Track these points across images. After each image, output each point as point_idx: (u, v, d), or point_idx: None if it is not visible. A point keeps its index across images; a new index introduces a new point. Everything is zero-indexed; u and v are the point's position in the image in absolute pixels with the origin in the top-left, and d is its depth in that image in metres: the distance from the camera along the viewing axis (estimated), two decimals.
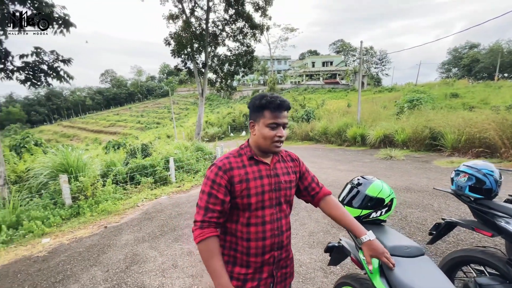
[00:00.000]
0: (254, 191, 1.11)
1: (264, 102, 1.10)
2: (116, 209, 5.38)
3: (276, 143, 1.12)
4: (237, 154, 1.18)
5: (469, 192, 1.78)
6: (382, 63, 54.36)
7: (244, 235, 1.13)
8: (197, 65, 13.88)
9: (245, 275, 1.13)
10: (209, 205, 1.08)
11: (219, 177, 1.09)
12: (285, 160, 1.26)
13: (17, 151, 12.03)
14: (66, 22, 5.31)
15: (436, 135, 9.13)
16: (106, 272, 2.99)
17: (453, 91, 21.48)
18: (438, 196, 4.45)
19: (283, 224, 1.18)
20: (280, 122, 1.10)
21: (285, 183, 1.19)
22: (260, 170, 1.15)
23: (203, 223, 1.07)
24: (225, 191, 1.09)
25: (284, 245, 1.18)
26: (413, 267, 1.16)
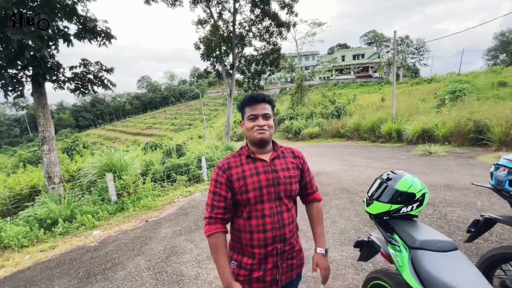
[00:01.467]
0: (252, 186, 1.20)
1: (243, 100, 1.27)
2: (155, 205, 5.80)
3: (258, 131, 1.21)
4: (237, 154, 1.30)
5: (509, 187, 1.66)
6: (419, 53, 50.45)
7: (247, 228, 1.22)
8: (225, 67, 14.27)
9: (251, 265, 1.23)
10: (214, 202, 1.21)
11: (219, 177, 1.22)
12: (286, 156, 1.33)
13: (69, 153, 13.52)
14: (107, 34, 5.85)
15: (482, 129, 8.31)
16: (148, 261, 3.28)
17: (501, 79, 19.22)
18: (482, 194, 4.08)
19: (284, 217, 1.24)
20: (257, 113, 1.21)
21: (284, 178, 1.25)
22: (257, 167, 1.24)
23: (211, 219, 1.21)
24: (226, 188, 1.21)
25: (287, 238, 1.24)
26: (445, 262, 1.14)
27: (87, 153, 12.13)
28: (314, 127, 17.56)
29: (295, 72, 46.10)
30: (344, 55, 48.71)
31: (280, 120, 22.60)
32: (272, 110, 1.29)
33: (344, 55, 48.71)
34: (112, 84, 6.56)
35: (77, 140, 14.49)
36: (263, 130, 1.22)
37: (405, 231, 1.33)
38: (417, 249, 1.22)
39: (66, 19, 5.41)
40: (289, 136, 19.26)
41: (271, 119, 1.26)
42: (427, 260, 1.16)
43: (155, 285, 2.72)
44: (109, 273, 3.06)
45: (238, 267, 1.26)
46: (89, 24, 5.46)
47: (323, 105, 22.42)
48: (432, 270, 1.11)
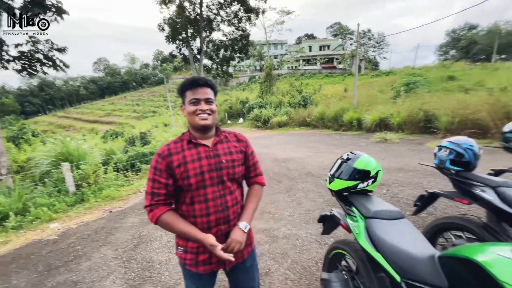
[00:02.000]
0: (193, 172, 1.18)
1: (183, 84, 1.23)
2: (119, 195, 5.55)
3: (200, 115, 1.20)
4: (178, 140, 1.27)
5: (450, 165, 1.94)
6: (379, 46, 53.60)
7: (190, 212, 1.21)
8: (192, 51, 13.71)
9: (197, 248, 1.23)
10: (155, 190, 1.17)
11: (159, 164, 1.18)
12: (229, 141, 1.33)
13: (15, 142, 12.07)
14: (58, 9, 5.25)
15: (431, 118, 9.28)
16: (115, 250, 3.18)
17: (450, 73, 21.42)
18: (429, 175, 4.66)
19: (227, 200, 1.24)
20: (199, 98, 1.19)
21: (227, 162, 1.25)
22: (199, 152, 1.22)
23: (152, 206, 1.17)
24: (167, 175, 1.18)
25: (231, 219, 1.25)
26: (394, 228, 1.33)
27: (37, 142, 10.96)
28: (283, 116, 17.94)
29: (264, 60, 46.02)
30: (311, 46, 49.78)
31: (249, 108, 22.61)
32: (215, 95, 1.27)
33: (311, 46, 49.78)
34: (65, 65, 5.96)
35: (25, 127, 12.99)
36: (206, 115, 1.21)
37: (361, 203, 1.51)
38: (371, 218, 1.40)
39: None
40: (258, 124, 19.44)
41: (214, 104, 1.25)
42: (379, 227, 1.34)
43: (124, 273, 2.67)
44: (72, 265, 2.91)
45: (184, 252, 1.27)
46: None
47: (291, 95, 22.89)
48: (383, 235, 1.29)
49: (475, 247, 0.92)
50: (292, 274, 2.37)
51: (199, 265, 1.25)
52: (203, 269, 1.26)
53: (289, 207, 3.96)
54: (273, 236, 3.10)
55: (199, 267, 1.25)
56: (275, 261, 2.60)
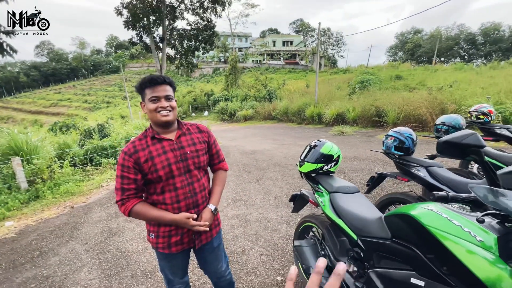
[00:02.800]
0: (160, 165, 1.26)
1: (142, 82, 1.28)
2: (80, 190, 5.25)
3: (161, 112, 1.26)
4: (142, 136, 1.33)
5: (394, 151, 2.37)
6: (338, 45, 56.83)
7: (160, 201, 1.31)
8: (154, 39, 13.03)
9: (169, 231, 1.34)
10: (124, 185, 1.25)
11: (126, 161, 1.25)
12: (191, 132, 1.42)
13: None
14: None
15: (381, 113, 10.39)
16: (85, 244, 3.11)
17: (398, 73, 23.79)
18: (378, 163, 5.33)
19: (195, 187, 1.36)
20: (159, 95, 1.25)
21: (191, 152, 1.35)
22: (163, 146, 1.30)
23: (123, 200, 1.25)
24: (135, 171, 1.25)
25: (200, 203, 1.38)
26: (351, 199, 1.65)
27: None
28: (249, 110, 18.18)
29: (228, 52, 45.50)
30: (275, 40, 50.62)
31: (215, 101, 22.37)
32: (173, 91, 1.33)
33: (275, 40, 50.62)
34: (12, 50, 5.28)
35: None
36: (167, 112, 1.27)
37: (326, 182, 1.81)
38: (334, 192, 1.70)
39: None
40: (224, 117, 19.41)
41: (174, 100, 1.32)
42: (340, 199, 1.64)
43: (99, 264, 2.66)
44: (39, 261, 2.78)
45: (156, 237, 1.36)
46: None
47: (256, 88, 23.22)
48: (344, 205, 1.60)
49: (409, 206, 1.25)
50: (265, 251, 2.64)
51: (171, 247, 1.36)
52: (175, 249, 1.37)
53: (259, 194, 4.24)
54: (246, 220, 3.34)
55: (171, 248, 1.36)
56: (249, 241, 2.85)
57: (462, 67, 24.62)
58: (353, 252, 1.51)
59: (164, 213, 1.28)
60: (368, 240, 1.38)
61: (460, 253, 0.90)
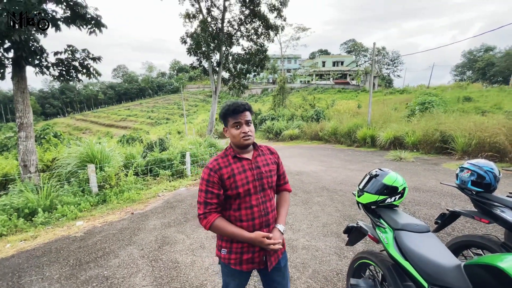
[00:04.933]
0: (240, 183, 1.36)
1: (224, 111, 1.40)
2: (139, 198, 5.78)
3: (244, 137, 1.38)
4: (223, 155, 1.45)
5: (471, 186, 2.05)
6: (394, 64, 53.70)
7: (237, 217, 1.39)
8: (211, 64, 14.24)
9: (242, 248, 1.40)
10: (208, 200, 1.35)
11: (212, 177, 1.36)
12: (265, 154, 1.53)
13: (38, 142, 12.69)
14: (98, 22, 5.71)
15: (447, 139, 9.23)
16: (141, 250, 3.36)
17: (466, 94, 21.22)
18: (446, 196, 4.67)
19: (267, 206, 1.43)
20: (240, 121, 1.38)
21: (266, 172, 1.45)
22: (243, 165, 1.41)
23: (206, 214, 1.35)
24: (219, 187, 1.36)
25: (270, 223, 1.44)
26: (421, 240, 1.45)
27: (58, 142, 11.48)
28: (295, 129, 18.12)
29: (277, 73, 46.86)
30: (324, 61, 50.42)
31: (261, 120, 22.93)
32: (251, 115, 1.46)
33: (324, 61, 50.42)
34: (97, 73, 6.39)
35: (48, 128, 13.64)
36: (248, 136, 1.39)
37: (390, 216, 1.63)
38: (399, 230, 1.52)
39: (54, 1, 5.22)
40: (270, 136, 19.67)
41: (252, 124, 1.44)
42: (407, 238, 1.46)
43: (152, 271, 2.83)
44: (101, 261, 3.10)
45: (228, 252, 1.42)
46: (79, 10, 5.30)
47: (303, 108, 23.14)
48: (412, 245, 1.41)
49: (497, 256, 1.04)
50: (314, 283, 2.46)
51: (243, 264, 1.42)
52: (246, 267, 1.42)
53: (306, 219, 4.06)
54: (292, 246, 3.21)
55: (243, 265, 1.42)
56: (296, 269, 2.71)
57: None
58: None
59: (241, 230, 1.35)
60: None
61: None
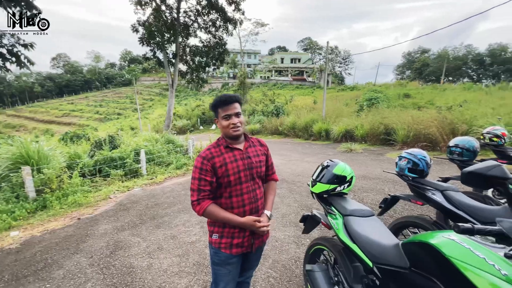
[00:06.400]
0: (232, 171, 1.45)
1: (215, 102, 1.49)
2: (87, 202, 5.27)
3: (233, 128, 1.46)
4: (216, 145, 1.52)
5: (408, 173, 2.32)
6: (345, 63, 57.61)
7: (228, 205, 1.47)
8: (167, 55, 13.48)
9: (233, 233, 1.49)
10: (201, 187, 1.42)
11: (204, 165, 1.43)
12: (255, 145, 1.62)
13: None
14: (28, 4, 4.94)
15: (390, 131, 10.30)
16: (90, 258, 3.07)
17: (406, 91, 23.83)
18: (389, 183, 5.22)
19: (257, 193, 1.54)
20: (230, 113, 1.45)
21: (256, 163, 1.54)
22: (235, 155, 1.49)
23: (199, 200, 1.42)
24: (212, 174, 1.43)
25: (259, 209, 1.55)
26: (366, 223, 1.60)
27: None
28: (256, 124, 18.32)
29: (237, 68, 46.60)
30: (283, 58, 51.72)
31: None
32: (241, 106, 1.52)
33: (283, 58, 51.72)
34: (30, 62, 5.55)
35: None
36: (237, 128, 1.47)
37: (340, 204, 1.76)
38: (348, 215, 1.66)
39: None
40: None
41: (242, 115, 1.51)
42: (355, 223, 1.59)
43: (103, 280, 2.61)
44: (43, 274, 2.75)
45: (220, 237, 1.50)
46: None
47: (264, 103, 23.50)
48: (358, 229, 1.55)
49: (429, 234, 1.20)
50: (273, 273, 2.55)
51: (233, 248, 1.49)
52: (235, 251, 1.50)
53: None
54: None
55: (232, 249, 1.49)
56: None
57: (471, 87, 24.48)
58: (368, 279, 1.45)
59: (233, 215, 1.44)
60: (384, 268, 1.32)
61: (484, 286, 0.86)
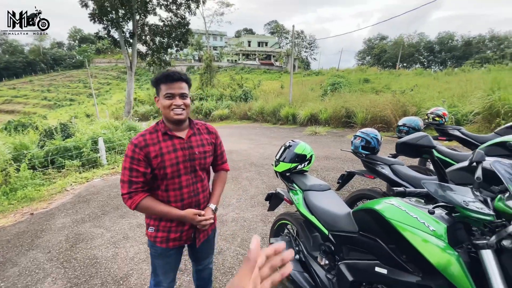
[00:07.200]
0: (169, 163, 1.27)
1: (158, 77, 1.27)
2: (40, 195, 4.86)
3: (175, 110, 1.26)
4: (153, 130, 1.32)
5: (361, 150, 2.54)
6: (311, 48, 58.48)
7: (165, 198, 1.32)
8: (123, 34, 12.39)
9: (169, 227, 1.36)
10: (133, 178, 1.24)
11: (136, 154, 1.23)
12: (201, 133, 1.43)
13: None
14: None
15: (350, 114, 10.95)
16: (48, 253, 2.89)
17: (366, 77, 25.13)
18: (348, 161, 5.64)
19: (198, 187, 1.40)
20: (174, 92, 1.25)
21: (199, 153, 1.37)
22: (174, 144, 1.30)
23: (131, 193, 1.25)
24: (145, 164, 1.25)
25: (201, 203, 1.42)
26: (323, 197, 1.75)
27: None
28: (224, 109, 18.07)
29: (203, 50, 44.71)
30: (250, 41, 50.77)
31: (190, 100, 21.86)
32: (189, 88, 1.33)
33: (250, 41, 50.77)
34: None
35: None
36: (181, 110, 1.28)
37: (300, 180, 1.89)
38: (307, 190, 1.79)
39: None
40: (199, 117, 19.06)
41: (188, 98, 1.31)
42: (313, 197, 1.73)
43: (65, 273, 2.50)
44: None
45: (156, 230, 1.37)
46: None
47: (232, 88, 23.12)
48: (316, 202, 1.69)
49: (374, 201, 1.35)
50: (242, 250, 2.67)
51: (169, 242, 1.39)
52: (172, 244, 1.39)
53: (235, 194, 4.26)
54: (223, 221, 3.34)
55: (169, 243, 1.39)
56: (226, 241, 2.86)
57: (421, 73, 26.69)
58: (325, 246, 1.60)
59: (172, 208, 1.30)
60: (338, 234, 1.48)
61: (416, 242, 1.01)
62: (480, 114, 7.47)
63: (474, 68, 24.62)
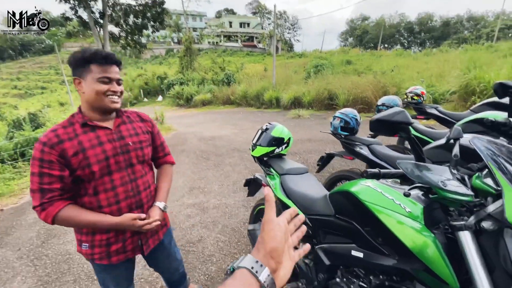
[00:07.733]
0: (95, 159, 1.05)
1: (88, 55, 1.03)
2: (10, 190, 4.58)
3: (112, 97, 1.08)
4: (67, 123, 1.08)
5: (340, 131, 2.51)
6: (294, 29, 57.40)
7: (94, 204, 1.09)
8: (93, 15, 11.46)
9: (107, 240, 1.13)
10: (44, 186, 1.00)
11: (46, 154, 0.99)
12: (133, 121, 1.24)
13: None
14: None
15: (333, 96, 10.96)
16: (18, 250, 2.73)
17: (348, 58, 25.10)
18: (330, 143, 5.67)
19: (139, 184, 1.18)
20: (112, 77, 1.07)
21: (134, 144, 1.17)
22: (98, 136, 1.09)
23: (44, 205, 1.00)
24: (60, 166, 1.01)
25: (144, 203, 1.20)
26: (300, 180, 1.70)
27: None
28: (206, 94, 17.56)
29: (182, 32, 42.72)
30: (231, 22, 48.94)
31: (169, 85, 21.08)
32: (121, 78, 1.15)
33: (231, 22, 48.94)
34: None
35: None
36: (117, 98, 1.10)
37: (278, 164, 1.83)
38: (284, 174, 1.73)
39: None
40: (180, 102, 18.48)
41: (122, 87, 1.15)
42: (290, 180, 1.68)
43: (35, 271, 2.37)
44: None
45: (91, 247, 1.14)
46: None
47: (213, 72, 22.43)
48: (293, 186, 1.64)
49: (350, 183, 1.31)
50: (222, 237, 2.63)
51: (111, 256, 1.17)
52: (116, 259, 1.18)
53: (217, 181, 4.18)
54: (203, 208, 3.27)
55: (112, 258, 1.17)
56: (206, 229, 2.81)
57: (402, 53, 27.02)
58: None
59: (102, 216, 1.07)
60: (314, 217, 1.44)
61: (391, 224, 0.98)
62: (456, 92, 7.68)
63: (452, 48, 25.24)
